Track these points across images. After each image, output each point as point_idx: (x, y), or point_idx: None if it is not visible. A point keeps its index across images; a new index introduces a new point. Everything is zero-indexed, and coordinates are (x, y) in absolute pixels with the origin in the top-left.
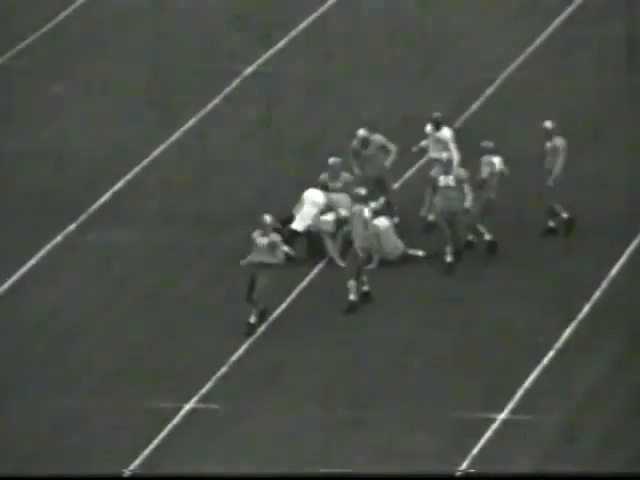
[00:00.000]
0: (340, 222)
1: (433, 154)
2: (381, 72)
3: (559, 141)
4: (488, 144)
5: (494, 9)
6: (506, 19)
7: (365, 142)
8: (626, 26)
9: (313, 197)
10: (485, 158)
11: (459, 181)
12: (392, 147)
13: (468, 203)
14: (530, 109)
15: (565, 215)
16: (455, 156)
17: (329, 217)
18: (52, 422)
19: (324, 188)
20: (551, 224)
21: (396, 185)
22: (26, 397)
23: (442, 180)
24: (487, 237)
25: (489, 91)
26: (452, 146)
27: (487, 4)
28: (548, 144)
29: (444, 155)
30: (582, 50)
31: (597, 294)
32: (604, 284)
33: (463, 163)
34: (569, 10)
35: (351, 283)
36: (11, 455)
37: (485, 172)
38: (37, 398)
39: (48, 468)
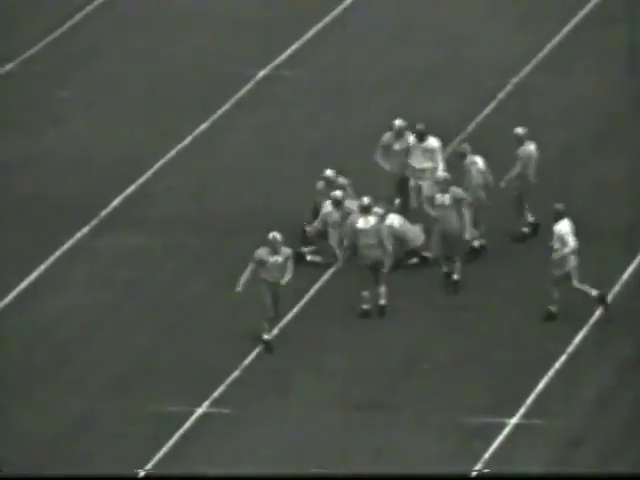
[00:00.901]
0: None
1: (419, 165)
2: (391, 77)
3: (532, 147)
4: (466, 147)
5: (504, 14)
6: (516, 25)
7: (400, 133)
8: (634, 32)
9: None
10: (468, 159)
11: (456, 200)
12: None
13: (468, 235)
14: (539, 114)
15: (527, 226)
16: (440, 166)
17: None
18: (61, 427)
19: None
20: (531, 219)
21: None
22: (36, 401)
23: (438, 199)
24: (475, 243)
25: (499, 96)
26: (439, 156)
27: (497, 10)
28: (520, 150)
29: (440, 174)
30: (591, 56)
31: (608, 299)
32: (616, 288)
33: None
34: (579, 16)
35: (365, 293)
36: (18, 460)
37: (473, 172)
38: (46, 402)
39: (56, 473)
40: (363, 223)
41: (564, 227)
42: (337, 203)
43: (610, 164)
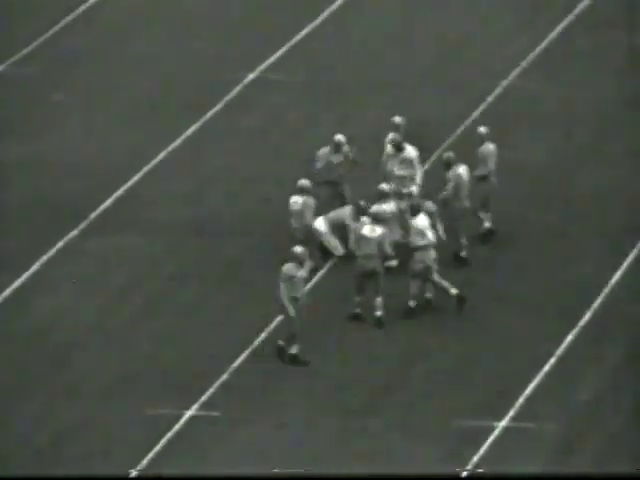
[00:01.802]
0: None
1: (399, 172)
2: (382, 80)
3: (491, 147)
4: (450, 156)
5: (496, 18)
6: (508, 28)
7: (397, 128)
8: (627, 36)
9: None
10: (451, 172)
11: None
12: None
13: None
14: (530, 118)
15: (487, 225)
16: (419, 174)
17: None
18: (53, 430)
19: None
20: (487, 225)
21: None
22: (27, 406)
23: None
24: (464, 253)
25: (490, 99)
26: (417, 165)
27: (489, 13)
28: (481, 149)
29: (413, 189)
30: (583, 59)
31: (598, 301)
32: (605, 291)
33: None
34: (570, 19)
35: (357, 298)
36: (12, 465)
37: (450, 187)
38: (38, 407)
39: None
40: (369, 231)
41: (421, 221)
42: (302, 191)
43: (603, 167)
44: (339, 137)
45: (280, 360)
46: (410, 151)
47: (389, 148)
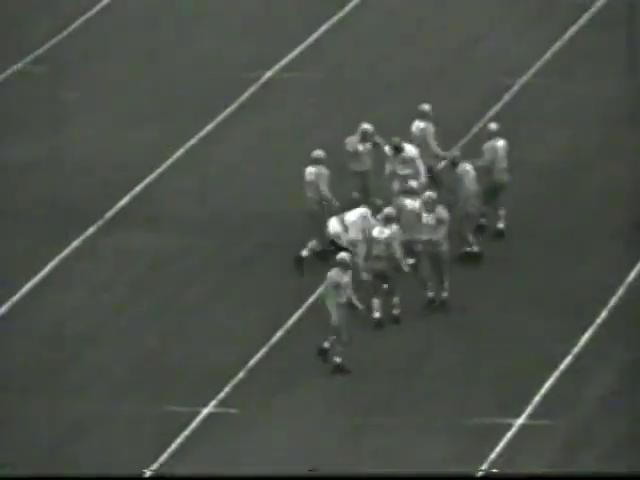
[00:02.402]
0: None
1: (401, 171)
2: (398, 79)
3: (499, 143)
4: (457, 155)
5: (510, 16)
6: (522, 26)
7: (425, 115)
8: (635, 35)
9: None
10: (460, 168)
11: (439, 220)
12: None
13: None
14: (545, 115)
15: (501, 225)
16: (421, 171)
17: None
18: (68, 427)
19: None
20: (500, 225)
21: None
22: (42, 402)
23: (424, 218)
24: (475, 248)
25: (506, 97)
26: (419, 162)
27: (503, 11)
28: (488, 144)
29: (427, 194)
30: (597, 57)
31: (613, 300)
32: (620, 290)
33: None
34: (585, 17)
35: (375, 300)
36: (27, 461)
37: (464, 185)
38: (53, 403)
39: (64, 473)
40: (378, 232)
41: (351, 216)
42: (316, 161)
43: (614, 165)
44: (367, 126)
45: (322, 361)
46: (410, 150)
47: (387, 150)
